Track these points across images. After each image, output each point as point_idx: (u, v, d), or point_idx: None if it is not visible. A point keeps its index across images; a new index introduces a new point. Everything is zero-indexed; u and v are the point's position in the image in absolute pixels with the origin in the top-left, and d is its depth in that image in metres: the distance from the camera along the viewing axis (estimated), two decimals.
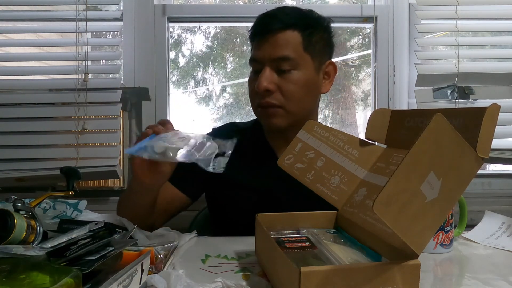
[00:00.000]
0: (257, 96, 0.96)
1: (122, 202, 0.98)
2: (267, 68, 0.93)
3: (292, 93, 0.94)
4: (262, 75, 0.93)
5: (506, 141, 1.44)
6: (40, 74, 1.53)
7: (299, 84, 0.94)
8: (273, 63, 0.93)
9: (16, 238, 0.66)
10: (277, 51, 0.92)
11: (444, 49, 1.58)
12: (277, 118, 0.95)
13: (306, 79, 0.95)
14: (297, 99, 0.95)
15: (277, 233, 0.69)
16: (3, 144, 1.39)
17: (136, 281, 0.55)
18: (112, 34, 1.84)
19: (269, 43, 0.93)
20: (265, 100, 0.94)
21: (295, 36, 0.94)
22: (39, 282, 0.50)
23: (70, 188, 0.88)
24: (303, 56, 0.94)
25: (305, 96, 0.96)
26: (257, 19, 0.99)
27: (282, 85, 0.93)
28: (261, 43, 0.95)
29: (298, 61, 0.93)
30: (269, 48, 0.93)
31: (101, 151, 1.42)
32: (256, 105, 0.98)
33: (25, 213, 0.71)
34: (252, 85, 0.98)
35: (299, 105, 0.96)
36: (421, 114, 0.68)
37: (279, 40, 0.93)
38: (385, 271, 0.50)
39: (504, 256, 0.79)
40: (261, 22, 0.97)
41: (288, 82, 0.93)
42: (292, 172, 0.75)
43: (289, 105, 0.94)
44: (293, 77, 0.93)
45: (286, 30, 0.93)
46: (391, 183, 0.46)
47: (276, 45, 0.93)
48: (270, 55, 0.93)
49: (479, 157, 0.53)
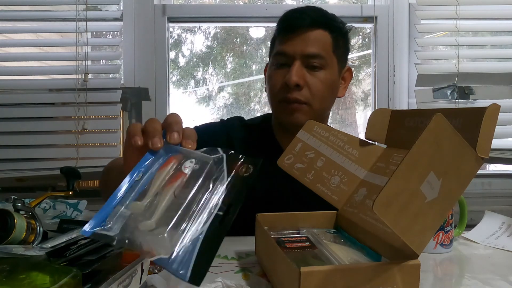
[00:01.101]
0: (283, 90, 0.94)
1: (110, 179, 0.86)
2: (298, 63, 0.93)
3: (319, 91, 0.94)
4: (293, 69, 0.92)
5: (506, 141, 1.44)
6: (40, 74, 1.53)
7: (326, 83, 0.95)
8: (304, 59, 0.93)
9: (16, 238, 0.66)
10: (309, 47, 0.93)
11: (444, 49, 1.58)
12: (301, 115, 0.94)
13: (332, 80, 0.96)
14: (322, 98, 0.95)
15: (277, 233, 0.69)
16: (3, 144, 1.39)
17: (136, 281, 0.55)
18: (112, 34, 1.84)
19: (301, 38, 0.93)
20: (293, 95, 0.93)
21: (325, 36, 0.95)
22: (39, 282, 0.50)
23: (70, 188, 0.88)
24: (332, 56, 0.95)
25: (329, 96, 0.97)
26: (285, 14, 0.98)
27: (310, 82, 0.93)
28: (292, 37, 0.94)
29: (327, 60, 0.94)
30: (301, 43, 0.93)
31: (101, 151, 1.42)
32: (280, 99, 0.96)
33: (25, 213, 0.71)
34: (275, 80, 0.96)
35: (322, 104, 0.96)
36: (421, 114, 0.68)
37: (311, 37, 0.93)
38: (385, 271, 0.50)
39: (504, 256, 0.79)
40: (292, 16, 0.96)
41: (316, 80, 0.94)
42: (292, 172, 0.75)
43: (314, 103, 0.94)
44: (321, 76, 0.94)
45: (318, 29, 0.94)
46: (391, 183, 0.46)
47: (308, 41, 0.93)
48: (302, 50, 0.93)
49: (479, 157, 0.53)
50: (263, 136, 1.05)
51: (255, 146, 1.02)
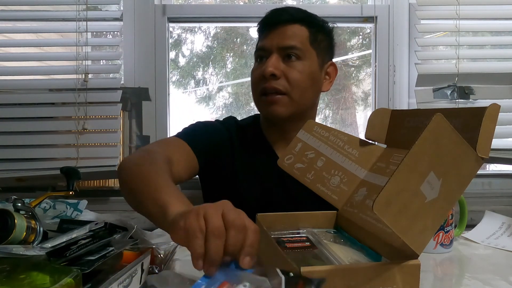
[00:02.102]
0: (262, 82, 0.97)
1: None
2: (274, 55, 0.97)
3: (296, 81, 0.96)
4: (269, 60, 0.96)
5: (506, 141, 1.44)
6: (40, 74, 1.53)
7: (304, 73, 0.97)
8: (280, 51, 0.97)
9: (16, 238, 0.66)
10: (285, 40, 0.96)
11: (444, 49, 1.58)
12: (280, 106, 0.97)
13: (310, 71, 0.98)
14: (301, 88, 0.97)
15: (277, 233, 0.69)
16: (3, 144, 1.39)
17: (136, 281, 0.55)
18: (112, 34, 1.84)
19: (278, 33, 0.98)
20: (270, 85, 0.96)
21: (302, 30, 0.98)
22: (39, 282, 0.50)
23: (70, 188, 0.88)
24: (309, 49, 0.98)
25: (309, 87, 0.99)
26: (266, 13, 1.03)
27: (287, 72, 0.96)
28: (270, 33, 0.99)
29: (304, 52, 0.97)
30: (277, 37, 0.97)
31: (101, 151, 1.42)
32: (260, 92, 0.98)
33: (25, 213, 0.71)
34: (255, 74, 1.00)
35: (302, 95, 0.98)
36: (421, 114, 0.68)
37: (288, 31, 0.97)
38: (385, 271, 0.50)
39: (504, 256, 0.79)
40: (271, 15, 1.01)
41: (293, 70, 0.96)
42: (292, 172, 0.75)
43: (293, 93, 0.96)
44: (299, 66, 0.97)
45: (295, 24, 0.98)
46: (391, 183, 0.46)
47: (285, 35, 0.97)
48: (278, 43, 0.97)
49: (479, 157, 0.53)
50: (254, 136, 1.06)
51: (249, 146, 1.03)
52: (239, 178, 1.00)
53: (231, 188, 1.00)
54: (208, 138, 0.99)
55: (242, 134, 1.05)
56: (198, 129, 1.01)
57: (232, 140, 1.03)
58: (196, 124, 1.03)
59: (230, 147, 1.02)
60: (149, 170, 0.70)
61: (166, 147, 0.88)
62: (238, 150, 1.01)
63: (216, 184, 1.03)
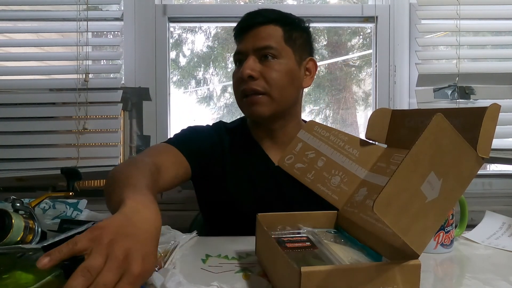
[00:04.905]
0: (241, 84, 0.99)
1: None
2: (250, 57, 0.98)
3: (275, 80, 0.97)
4: (245, 63, 0.97)
5: (507, 141, 1.44)
6: (40, 74, 1.53)
7: (282, 72, 0.98)
8: (256, 52, 0.98)
9: (14, 238, 0.66)
10: (260, 41, 0.98)
11: (445, 49, 1.58)
12: (261, 106, 0.98)
13: (288, 68, 0.99)
14: (280, 87, 0.98)
15: (278, 233, 0.69)
16: (3, 144, 1.39)
17: None
18: (113, 34, 1.84)
19: (253, 35, 0.99)
20: (249, 86, 0.97)
21: (276, 30, 1.00)
22: (23, 281, 0.51)
23: (70, 189, 0.88)
24: (284, 47, 0.99)
25: (288, 85, 0.99)
26: (241, 18, 1.05)
27: (265, 72, 0.97)
28: (245, 36, 1.01)
29: (280, 51, 0.98)
30: (252, 39, 0.99)
31: (102, 151, 1.42)
32: (241, 94, 1.00)
33: (24, 213, 0.71)
34: (235, 77, 1.02)
35: (282, 93, 0.99)
36: (421, 114, 0.68)
37: (262, 33, 0.99)
38: (386, 271, 0.50)
39: (505, 256, 0.79)
40: (245, 19, 1.03)
41: (271, 69, 0.98)
42: (292, 172, 0.75)
43: (273, 92, 0.97)
44: (275, 65, 0.98)
45: (268, 25, 1.00)
46: (392, 183, 0.46)
47: (259, 36, 0.99)
48: (254, 45, 0.98)
49: (480, 157, 0.53)
50: (243, 137, 1.08)
51: (239, 148, 1.04)
52: (230, 181, 1.00)
53: (222, 190, 1.01)
54: (199, 144, 1.00)
55: (231, 137, 1.07)
56: (190, 134, 1.02)
57: (223, 143, 1.04)
58: (187, 130, 1.05)
59: (221, 150, 1.03)
60: (128, 175, 0.69)
61: (156, 155, 0.89)
62: (228, 153, 1.03)
63: (208, 188, 1.04)
